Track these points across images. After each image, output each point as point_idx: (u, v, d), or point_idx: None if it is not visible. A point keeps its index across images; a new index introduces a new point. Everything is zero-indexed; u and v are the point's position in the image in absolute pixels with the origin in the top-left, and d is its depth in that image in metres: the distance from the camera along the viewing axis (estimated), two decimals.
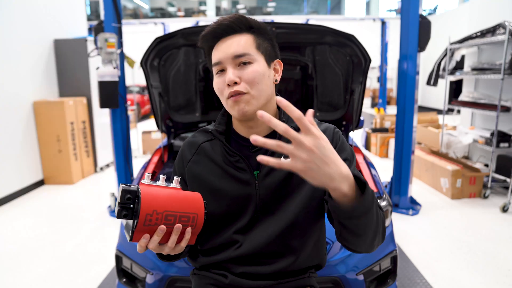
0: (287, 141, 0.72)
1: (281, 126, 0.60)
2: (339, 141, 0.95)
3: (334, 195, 0.71)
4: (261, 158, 0.61)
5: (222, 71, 0.90)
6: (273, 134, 0.96)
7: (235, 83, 0.86)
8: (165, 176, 0.79)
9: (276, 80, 0.95)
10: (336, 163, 0.65)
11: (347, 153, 0.94)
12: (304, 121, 0.62)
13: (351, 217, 0.73)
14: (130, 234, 0.72)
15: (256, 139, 0.60)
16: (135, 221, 0.69)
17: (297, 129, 0.77)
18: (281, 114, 0.96)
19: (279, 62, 0.97)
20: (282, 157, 0.74)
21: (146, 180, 0.76)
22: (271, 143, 0.60)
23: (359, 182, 0.72)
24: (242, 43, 0.88)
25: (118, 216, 0.69)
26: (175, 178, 0.81)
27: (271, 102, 0.95)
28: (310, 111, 0.65)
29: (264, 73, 0.90)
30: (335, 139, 0.95)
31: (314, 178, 0.64)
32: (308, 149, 0.62)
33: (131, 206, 0.70)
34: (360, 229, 0.76)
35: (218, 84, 0.90)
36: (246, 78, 0.87)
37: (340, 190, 0.68)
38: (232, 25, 0.88)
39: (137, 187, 0.72)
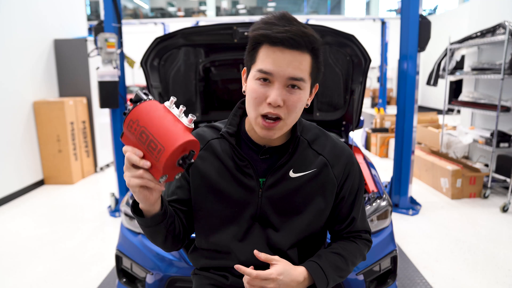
0: (299, 157, 0.96)
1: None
2: (350, 172, 0.99)
3: None
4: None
5: (266, 80, 0.83)
6: (286, 146, 0.96)
7: (278, 105, 0.82)
8: (184, 108, 0.76)
9: (307, 105, 0.91)
10: (295, 279, 0.87)
11: (354, 184, 1.00)
12: (261, 276, 0.84)
13: None
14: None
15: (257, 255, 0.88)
16: (124, 119, 0.77)
17: (309, 143, 0.97)
18: (295, 129, 0.95)
19: (316, 87, 0.93)
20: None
21: (169, 103, 0.76)
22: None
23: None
24: (302, 66, 0.82)
25: (125, 108, 0.77)
26: (190, 115, 0.75)
27: None
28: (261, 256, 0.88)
29: (304, 101, 0.87)
30: (346, 170, 0.98)
31: None
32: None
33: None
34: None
35: (257, 92, 0.84)
36: (290, 104, 0.83)
37: None
38: (301, 42, 0.81)
39: (148, 98, 0.77)
